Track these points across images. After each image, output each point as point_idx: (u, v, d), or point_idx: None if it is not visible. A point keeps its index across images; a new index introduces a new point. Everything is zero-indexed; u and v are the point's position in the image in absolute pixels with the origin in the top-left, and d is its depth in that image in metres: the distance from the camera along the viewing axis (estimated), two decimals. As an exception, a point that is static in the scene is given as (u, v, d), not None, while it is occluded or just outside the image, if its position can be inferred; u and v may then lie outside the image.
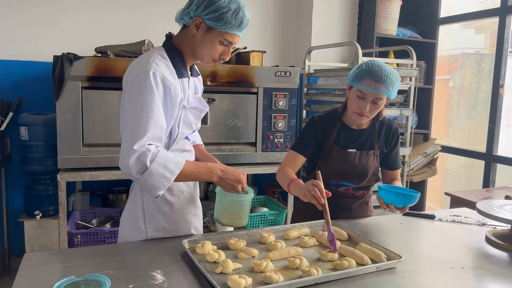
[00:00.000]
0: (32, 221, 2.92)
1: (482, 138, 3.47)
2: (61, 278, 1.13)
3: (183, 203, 1.59)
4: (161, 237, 1.55)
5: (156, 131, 1.37)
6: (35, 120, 2.83)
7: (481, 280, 1.27)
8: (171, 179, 1.38)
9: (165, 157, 1.38)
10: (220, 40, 1.44)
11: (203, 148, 1.82)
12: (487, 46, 5.08)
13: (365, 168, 1.80)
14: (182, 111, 1.49)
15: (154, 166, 1.35)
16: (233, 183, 1.49)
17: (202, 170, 1.48)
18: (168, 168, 1.37)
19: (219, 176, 1.49)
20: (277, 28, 3.78)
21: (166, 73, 1.41)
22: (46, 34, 3.11)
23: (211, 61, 1.49)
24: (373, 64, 1.69)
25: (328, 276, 1.21)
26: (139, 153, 1.33)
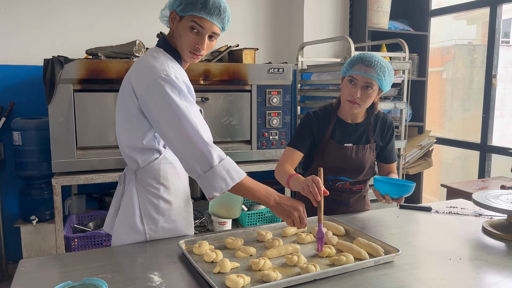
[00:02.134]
0: (29, 226, 2.90)
1: (476, 128, 3.49)
2: (58, 283, 1.12)
3: (180, 202, 1.59)
4: (160, 237, 1.53)
5: (203, 126, 1.40)
6: (27, 124, 2.81)
7: (479, 271, 1.27)
8: (230, 185, 1.35)
9: (231, 163, 1.38)
10: (190, 26, 1.42)
11: None
12: (479, 37, 5.09)
13: (362, 162, 1.80)
14: None
15: (219, 168, 1.35)
16: (289, 209, 1.40)
17: (261, 190, 1.42)
18: (230, 174, 1.36)
19: (276, 201, 1.41)
20: (269, 25, 3.77)
21: (180, 73, 1.44)
22: (36, 38, 3.08)
23: (189, 53, 1.46)
24: (364, 53, 1.74)
25: (326, 272, 1.20)
26: (208, 150, 1.35)
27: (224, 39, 3.54)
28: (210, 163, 1.34)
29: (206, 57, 3.22)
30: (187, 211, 1.63)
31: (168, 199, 1.55)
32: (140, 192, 1.53)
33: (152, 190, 1.53)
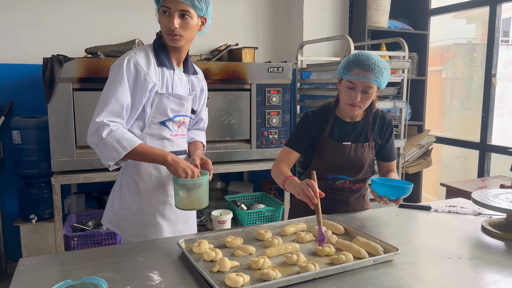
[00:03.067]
0: (28, 225, 2.90)
1: (476, 128, 3.49)
2: (57, 282, 1.12)
3: (150, 187, 1.68)
4: (126, 218, 1.69)
5: (115, 107, 1.53)
6: (27, 123, 2.80)
7: (478, 270, 1.27)
8: (121, 153, 1.51)
9: (121, 134, 1.53)
10: (162, 10, 1.55)
11: (200, 145, 1.88)
12: (478, 36, 5.09)
13: (361, 161, 1.80)
14: (156, 97, 1.61)
15: (109, 139, 1.51)
16: (184, 167, 1.55)
17: (157, 151, 1.57)
18: (121, 143, 1.51)
19: (174, 159, 1.55)
20: (268, 23, 3.77)
21: (141, 59, 1.57)
22: (35, 36, 3.08)
23: (167, 36, 1.58)
24: (360, 54, 1.71)
25: (326, 271, 1.21)
26: (98, 126, 1.51)
27: (224, 38, 3.54)
28: (99, 135, 1.50)
29: (206, 56, 3.22)
30: (158, 198, 1.69)
31: (136, 180, 1.68)
32: (123, 173, 1.72)
33: (129, 171, 1.70)
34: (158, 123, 1.66)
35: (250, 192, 3.37)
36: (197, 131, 1.94)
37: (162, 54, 1.63)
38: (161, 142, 1.68)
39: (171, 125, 1.70)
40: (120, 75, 1.55)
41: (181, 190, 1.57)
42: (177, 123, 1.73)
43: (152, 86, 1.59)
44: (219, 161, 2.93)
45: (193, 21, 1.58)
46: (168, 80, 1.65)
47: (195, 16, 1.58)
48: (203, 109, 1.92)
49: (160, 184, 1.70)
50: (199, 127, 1.96)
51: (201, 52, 3.43)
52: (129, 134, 1.55)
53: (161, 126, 1.67)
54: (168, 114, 1.65)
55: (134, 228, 1.69)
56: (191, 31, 1.60)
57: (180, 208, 1.61)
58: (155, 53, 1.63)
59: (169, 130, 1.70)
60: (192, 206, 1.59)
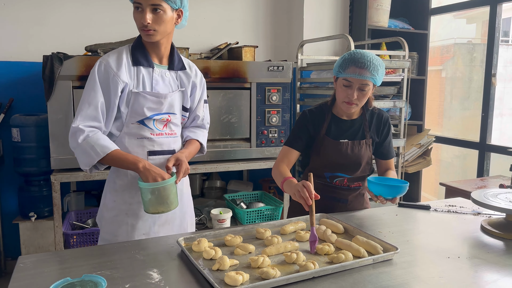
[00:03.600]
0: (27, 223, 2.90)
1: (475, 127, 3.49)
2: (57, 280, 1.12)
3: (125, 186, 1.68)
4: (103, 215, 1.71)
5: (89, 111, 1.56)
6: (27, 121, 2.80)
7: (477, 269, 1.28)
8: (95, 159, 1.54)
9: (96, 140, 1.55)
10: (135, 7, 1.57)
11: (195, 143, 1.84)
12: (478, 36, 5.08)
13: (358, 158, 1.81)
14: (132, 96, 1.61)
15: (83, 145, 1.54)
16: (155, 175, 1.54)
17: (130, 158, 1.57)
18: (95, 149, 1.54)
19: (145, 166, 1.55)
20: (268, 22, 3.77)
21: (112, 61, 1.59)
22: (35, 34, 3.07)
23: (142, 32, 1.59)
24: (355, 52, 1.73)
25: (325, 269, 1.21)
26: (73, 131, 1.55)
27: (224, 37, 3.54)
28: (76, 141, 1.54)
29: (206, 55, 3.22)
30: (132, 197, 1.68)
31: (114, 179, 1.70)
32: (110, 170, 1.74)
33: (112, 168, 1.72)
34: (136, 122, 1.65)
35: (250, 191, 3.37)
36: (194, 129, 1.89)
37: (138, 52, 1.63)
38: (140, 141, 1.66)
39: (152, 124, 1.67)
40: (92, 79, 1.58)
41: (144, 194, 1.56)
42: (161, 122, 1.69)
43: (124, 86, 1.59)
44: (218, 159, 2.93)
45: (167, 14, 1.56)
46: (145, 78, 1.63)
47: (168, 10, 1.56)
48: (199, 106, 1.86)
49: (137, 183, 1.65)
50: (197, 125, 1.90)
51: (201, 51, 3.42)
52: (105, 140, 1.57)
53: (139, 125, 1.65)
54: (145, 113, 1.63)
55: (109, 225, 1.70)
56: (166, 25, 1.58)
57: (147, 211, 1.59)
58: (132, 52, 1.64)
59: (149, 129, 1.67)
60: (157, 210, 1.57)
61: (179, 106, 1.76)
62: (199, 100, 1.84)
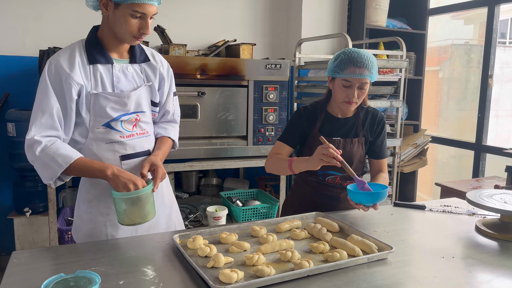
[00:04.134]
0: (22, 218, 2.89)
1: (471, 128, 3.50)
2: (50, 275, 1.11)
3: (100, 195, 1.56)
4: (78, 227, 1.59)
5: (44, 120, 1.42)
6: (22, 116, 2.79)
7: (471, 269, 1.28)
8: (57, 171, 1.40)
9: (56, 151, 1.41)
10: (131, 14, 1.42)
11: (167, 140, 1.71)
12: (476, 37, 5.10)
13: (350, 156, 1.81)
14: (91, 98, 1.47)
15: (42, 157, 1.40)
16: (126, 181, 1.40)
17: (96, 166, 1.43)
18: (55, 160, 1.40)
19: (114, 173, 1.41)
20: (267, 20, 3.76)
21: (64, 60, 1.44)
22: (32, 28, 3.05)
23: (132, 37, 1.47)
24: (351, 51, 1.72)
25: (320, 268, 1.21)
26: (29, 143, 1.41)
27: (222, 34, 3.53)
28: (34, 153, 1.40)
29: (203, 52, 3.21)
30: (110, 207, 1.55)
31: (88, 188, 1.57)
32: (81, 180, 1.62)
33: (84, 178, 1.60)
34: (101, 126, 1.50)
35: (246, 189, 3.37)
36: (165, 124, 1.74)
37: (94, 50, 1.49)
38: (110, 146, 1.52)
39: (120, 126, 1.53)
40: (43, 83, 1.44)
41: (117, 204, 1.42)
42: (130, 122, 1.55)
43: (79, 88, 1.45)
44: (215, 157, 2.93)
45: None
46: (103, 77, 1.49)
47: None
48: (168, 100, 1.71)
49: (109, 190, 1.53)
50: (167, 120, 1.75)
51: (199, 48, 3.41)
52: (66, 149, 1.42)
53: (106, 129, 1.51)
54: (110, 115, 1.49)
55: (86, 238, 1.57)
56: None
57: (122, 223, 1.44)
58: (86, 48, 1.49)
59: (117, 132, 1.53)
60: (133, 221, 1.42)
61: (147, 102, 1.61)
62: (168, 94, 1.70)
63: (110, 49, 1.52)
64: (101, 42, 1.51)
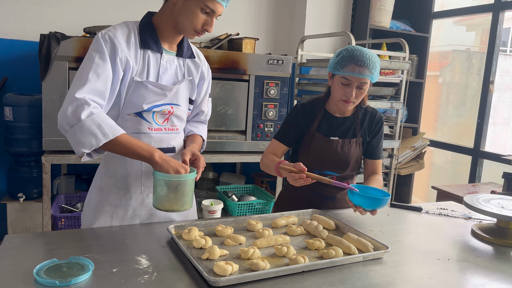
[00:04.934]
0: (15, 203, 2.86)
1: (469, 134, 3.51)
2: (43, 260, 1.10)
3: (112, 185, 1.51)
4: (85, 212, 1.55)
5: (98, 84, 1.31)
6: (20, 100, 2.76)
7: (466, 272, 1.28)
8: (101, 140, 1.28)
9: (104, 119, 1.30)
10: (201, 8, 1.38)
11: (199, 139, 1.69)
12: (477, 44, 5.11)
13: (347, 156, 1.79)
14: (132, 84, 1.41)
15: (88, 122, 1.27)
16: (176, 166, 1.34)
17: (144, 146, 1.34)
18: (102, 129, 1.28)
19: (161, 157, 1.34)
20: (270, 15, 3.74)
21: (119, 35, 1.38)
22: (33, 13, 3.02)
23: (193, 31, 1.42)
24: (354, 49, 1.68)
25: (315, 264, 1.20)
26: (77, 104, 1.27)
27: (225, 27, 3.50)
28: (77, 116, 1.26)
29: (205, 44, 3.19)
30: (117, 199, 1.52)
31: (102, 175, 1.53)
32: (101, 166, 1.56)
33: (101, 163, 1.55)
34: (133, 114, 1.44)
35: (242, 184, 3.36)
36: (197, 124, 1.73)
37: (148, 35, 1.43)
38: (136, 136, 1.45)
39: (151, 117, 1.47)
40: (99, 49, 1.34)
41: (160, 186, 1.35)
42: (162, 115, 1.50)
43: (128, 68, 1.39)
44: (212, 150, 2.91)
45: None
46: (151, 65, 1.44)
47: None
48: (204, 99, 1.69)
49: (125, 184, 1.51)
50: (199, 120, 1.73)
51: (201, 40, 3.39)
52: (112, 121, 1.33)
53: (136, 117, 1.45)
54: (142, 105, 1.43)
55: (90, 225, 1.52)
56: None
57: (158, 208, 1.37)
58: (140, 32, 1.43)
59: (147, 123, 1.47)
60: (172, 207, 1.36)
61: (186, 97, 1.57)
62: (205, 94, 1.68)
63: (163, 38, 1.47)
64: (156, 29, 1.46)
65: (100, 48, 1.34)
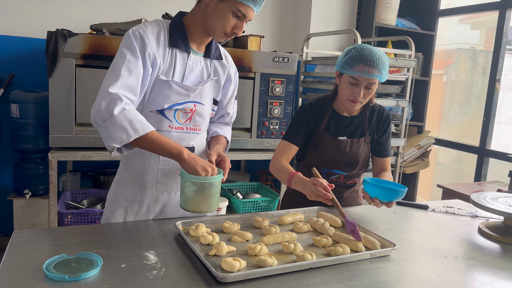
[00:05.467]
0: (22, 200, 2.88)
1: (473, 133, 3.50)
2: (52, 255, 1.11)
3: (130, 180, 1.53)
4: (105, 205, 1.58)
5: (130, 80, 1.34)
6: (26, 97, 2.77)
7: (473, 270, 1.27)
8: (131, 136, 1.30)
9: (135, 115, 1.33)
10: (233, 11, 1.38)
11: (223, 140, 1.69)
12: (482, 43, 5.08)
13: (356, 156, 1.78)
14: (157, 82, 1.43)
15: (120, 117, 1.30)
16: (204, 165, 1.35)
17: (173, 143, 1.36)
18: (133, 125, 1.31)
19: (190, 155, 1.35)
20: (276, 13, 3.74)
21: (149, 33, 1.40)
22: (40, 10, 3.03)
23: (223, 34, 1.43)
24: (363, 48, 1.65)
25: (323, 261, 1.20)
26: (111, 99, 1.30)
27: (230, 25, 3.50)
28: (110, 111, 1.29)
29: (211, 42, 3.18)
30: (134, 193, 1.53)
31: (121, 169, 1.56)
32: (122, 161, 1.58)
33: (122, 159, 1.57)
34: (155, 111, 1.46)
35: (247, 182, 3.37)
36: (222, 125, 1.73)
37: (177, 34, 1.44)
38: None
39: (172, 115, 1.48)
40: (128, 46, 1.36)
41: (187, 188, 1.36)
42: (185, 113, 1.50)
43: (155, 66, 1.41)
44: (218, 148, 2.91)
45: None
46: (178, 64, 1.45)
47: None
48: (230, 101, 1.69)
49: (142, 179, 1.53)
50: (225, 122, 1.74)
51: (206, 38, 3.39)
52: (142, 117, 1.35)
53: (158, 115, 1.46)
54: (164, 104, 1.45)
55: (104, 218, 1.56)
56: None
57: (186, 209, 1.39)
58: (170, 30, 1.45)
59: (168, 121, 1.48)
60: (199, 208, 1.37)
61: (210, 97, 1.58)
62: (231, 96, 1.69)
63: (192, 38, 1.48)
64: (186, 29, 1.47)
65: (131, 44, 1.37)
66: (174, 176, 1.55)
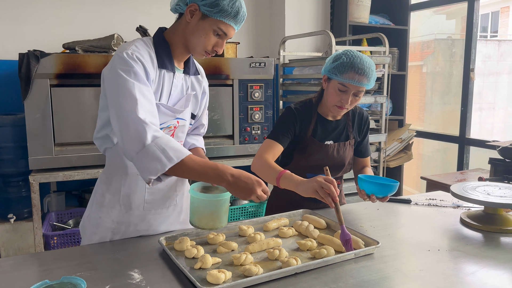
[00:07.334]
0: (6, 224, 2.83)
1: (456, 122, 3.55)
2: (35, 282, 1.09)
3: (115, 203, 1.48)
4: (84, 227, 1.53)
5: (146, 104, 1.27)
6: (3, 120, 2.73)
7: (456, 262, 1.30)
8: (166, 165, 1.22)
9: (167, 142, 1.25)
10: (214, 29, 1.37)
11: (202, 152, 1.70)
12: (458, 31, 5.17)
13: (343, 159, 1.80)
14: None
15: (152, 147, 1.22)
16: (251, 186, 1.28)
17: (210, 171, 1.27)
18: (166, 153, 1.23)
19: (229, 182, 1.27)
20: (250, 18, 3.75)
21: (146, 56, 1.35)
22: (11, 31, 2.99)
23: (203, 52, 1.41)
24: (354, 56, 1.64)
25: (307, 265, 1.21)
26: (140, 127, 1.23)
27: (205, 33, 3.50)
28: (142, 141, 1.22)
29: (187, 51, 3.18)
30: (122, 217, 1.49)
31: (104, 192, 1.49)
32: (101, 180, 1.53)
33: (102, 177, 1.52)
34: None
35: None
36: (196, 137, 1.73)
37: (163, 53, 1.41)
38: None
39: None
40: (129, 70, 1.29)
41: (202, 206, 1.30)
42: (168, 130, 1.48)
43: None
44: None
45: None
46: (165, 85, 1.42)
47: None
48: (204, 113, 1.71)
49: (128, 201, 1.49)
50: (198, 133, 1.74)
51: (182, 47, 3.39)
52: (176, 142, 1.28)
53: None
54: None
55: (88, 241, 1.50)
56: None
57: (200, 227, 1.33)
58: (155, 50, 1.40)
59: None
60: (215, 225, 1.32)
61: (190, 112, 1.58)
62: (204, 107, 1.70)
63: (175, 55, 1.46)
64: (169, 47, 1.44)
65: (133, 69, 1.30)
66: (161, 193, 1.53)
